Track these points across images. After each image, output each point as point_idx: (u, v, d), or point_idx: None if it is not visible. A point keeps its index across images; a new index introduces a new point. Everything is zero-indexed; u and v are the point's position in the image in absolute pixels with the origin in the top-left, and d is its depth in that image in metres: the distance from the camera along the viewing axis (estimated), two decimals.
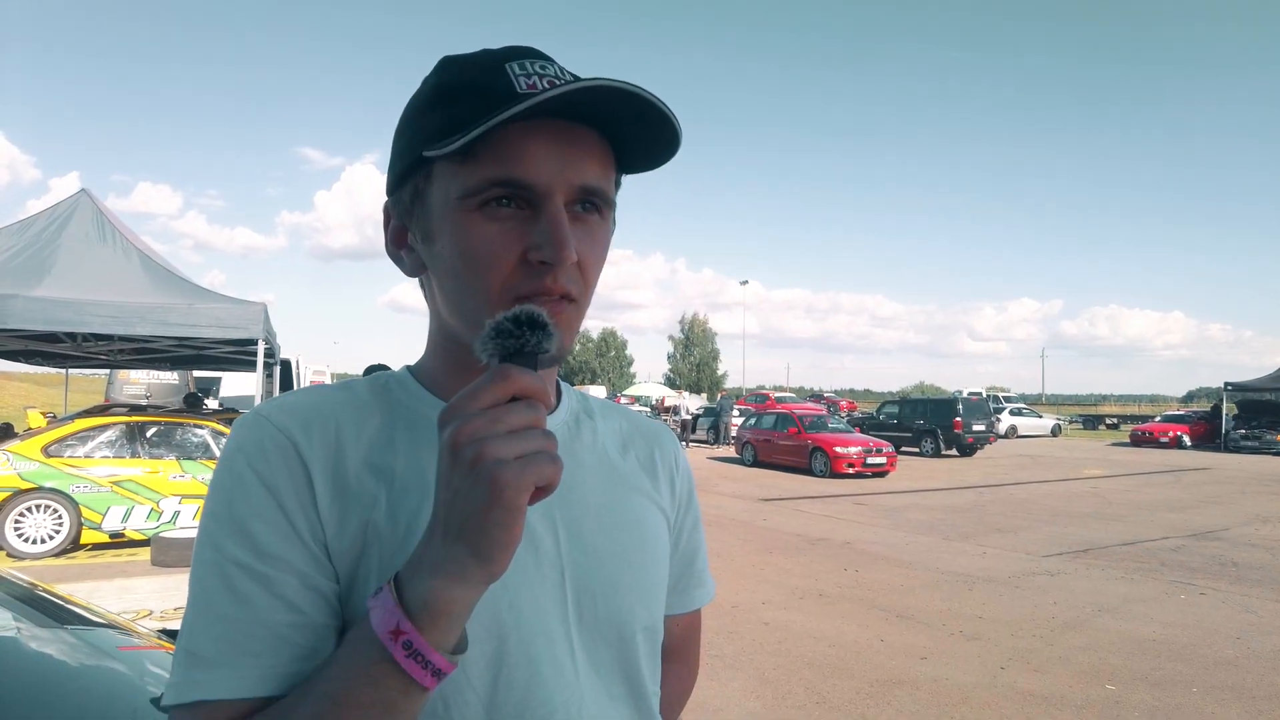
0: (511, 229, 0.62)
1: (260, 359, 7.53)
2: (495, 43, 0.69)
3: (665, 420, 26.50)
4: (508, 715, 0.65)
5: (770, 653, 5.08)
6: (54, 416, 14.18)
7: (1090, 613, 6.13)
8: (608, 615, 0.71)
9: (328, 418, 0.68)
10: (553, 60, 0.67)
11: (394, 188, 0.70)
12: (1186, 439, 27.77)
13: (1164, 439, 28.11)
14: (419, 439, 0.69)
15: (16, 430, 9.77)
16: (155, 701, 1.71)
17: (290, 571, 0.61)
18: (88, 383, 22.98)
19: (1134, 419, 39.73)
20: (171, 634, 2.22)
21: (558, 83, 0.62)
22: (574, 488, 0.73)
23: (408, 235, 0.71)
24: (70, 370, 13.37)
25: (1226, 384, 28.66)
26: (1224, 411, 27.82)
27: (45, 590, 2.60)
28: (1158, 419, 32.20)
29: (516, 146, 0.61)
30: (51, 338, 8.77)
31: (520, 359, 0.53)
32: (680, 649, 0.92)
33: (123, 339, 8.73)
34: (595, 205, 0.66)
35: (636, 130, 0.64)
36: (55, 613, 2.33)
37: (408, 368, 0.77)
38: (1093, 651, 5.17)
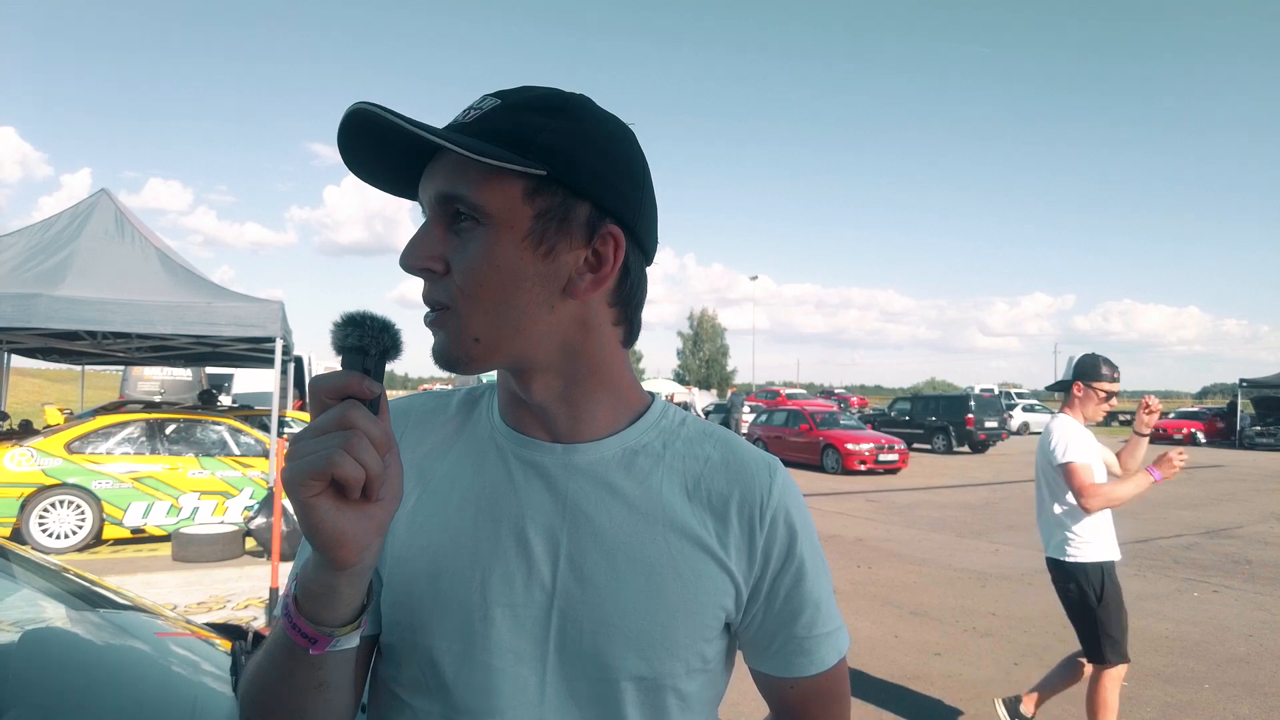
0: None
1: (279, 357, 7.61)
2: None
3: None
4: (464, 712, 0.71)
5: None
6: (71, 413, 14.33)
7: None
8: (592, 653, 0.71)
9: (404, 418, 0.80)
10: (506, 93, 0.71)
11: None
12: (1201, 435, 27.65)
13: (1178, 435, 27.94)
14: (468, 453, 0.78)
15: (35, 426, 9.91)
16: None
17: None
18: (100, 379, 23.15)
19: None
20: (219, 627, 2.28)
21: (459, 118, 0.71)
22: (593, 519, 0.73)
23: None
24: (86, 367, 13.50)
25: (1241, 380, 28.46)
26: (1239, 408, 27.65)
27: (81, 578, 2.67)
28: (1171, 415, 31.99)
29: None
30: (71, 335, 8.88)
31: (348, 355, 0.60)
32: (796, 714, 0.86)
33: (141, 336, 8.83)
34: (464, 214, 0.68)
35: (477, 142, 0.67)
36: (95, 599, 2.40)
37: None
38: None
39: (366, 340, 0.60)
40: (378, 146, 0.68)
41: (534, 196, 0.68)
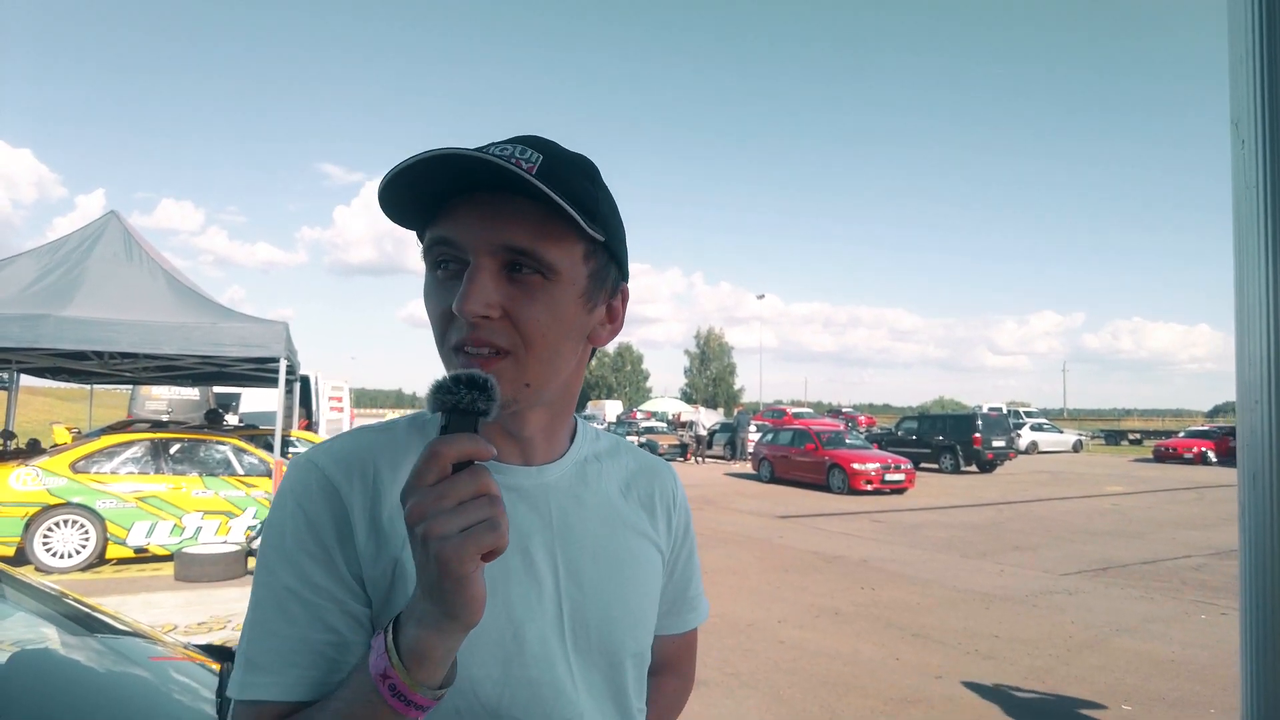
0: (446, 284, 0.72)
1: (282, 377, 7.65)
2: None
3: (682, 436, 26.49)
4: None
5: (785, 671, 5.10)
6: (79, 432, 14.42)
7: (1108, 632, 6.09)
8: (600, 644, 0.81)
9: (367, 462, 0.77)
10: (531, 143, 0.74)
11: None
12: (1211, 455, 27.39)
13: (1188, 455, 27.74)
14: None
15: (43, 446, 9.97)
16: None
17: (330, 599, 0.72)
18: (109, 397, 23.28)
19: (1158, 434, 39.21)
20: (208, 649, 2.29)
21: (509, 162, 0.69)
22: (574, 529, 0.82)
23: None
24: (94, 386, 13.60)
25: None
26: None
27: (78, 601, 2.69)
28: (1182, 434, 31.75)
29: (452, 211, 0.71)
30: (79, 355, 8.95)
31: (460, 416, 0.60)
32: (674, 664, 1.02)
33: (148, 357, 8.90)
34: (531, 267, 0.71)
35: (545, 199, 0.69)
36: (88, 623, 2.41)
37: None
38: (1110, 671, 5.15)
39: (493, 407, 0.61)
40: (432, 187, 0.70)
41: (589, 259, 0.76)
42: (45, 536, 7.49)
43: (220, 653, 2.25)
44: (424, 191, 0.71)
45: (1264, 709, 0.65)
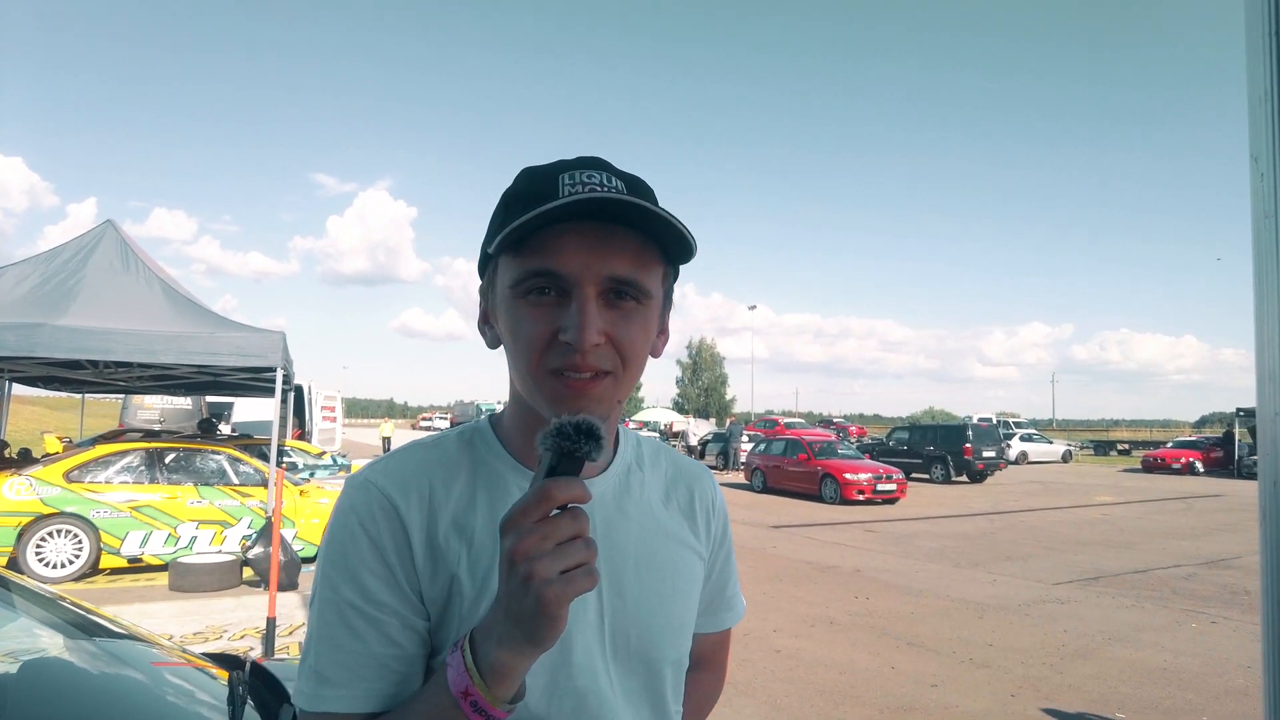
0: (546, 313, 0.74)
1: (279, 387, 7.65)
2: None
3: (673, 446, 26.46)
4: None
5: (782, 680, 5.12)
6: (70, 441, 14.33)
7: (1101, 641, 6.14)
8: (640, 652, 0.83)
9: (422, 480, 0.80)
10: (606, 169, 0.78)
11: (481, 276, 0.84)
12: (1199, 465, 27.58)
13: (1176, 465, 27.92)
14: (495, 499, 0.82)
15: (35, 455, 9.91)
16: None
17: (393, 615, 0.76)
18: (100, 407, 23.13)
19: (1146, 444, 39.43)
20: (215, 656, 2.29)
21: (597, 190, 0.74)
22: (617, 541, 0.84)
23: (489, 315, 0.83)
24: (87, 395, 13.52)
25: (1239, 409, 28.45)
26: (1236, 437, 27.64)
27: (79, 607, 2.68)
28: (1170, 445, 31.94)
29: (553, 243, 0.73)
30: (74, 364, 8.93)
31: (569, 460, 0.63)
32: (710, 659, 1.06)
33: (142, 366, 8.87)
34: (629, 294, 0.75)
35: (661, 229, 0.74)
36: (92, 629, 2.41)
37: (490, 417, 0.89)
38: (1103, 680, 5.19)
39: (599, 454, 0.63)
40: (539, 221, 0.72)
41: (663, 280, 0.81)
42: (38, 546, 7.45)
43: (228, 661, 2.25)
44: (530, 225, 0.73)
45: None
